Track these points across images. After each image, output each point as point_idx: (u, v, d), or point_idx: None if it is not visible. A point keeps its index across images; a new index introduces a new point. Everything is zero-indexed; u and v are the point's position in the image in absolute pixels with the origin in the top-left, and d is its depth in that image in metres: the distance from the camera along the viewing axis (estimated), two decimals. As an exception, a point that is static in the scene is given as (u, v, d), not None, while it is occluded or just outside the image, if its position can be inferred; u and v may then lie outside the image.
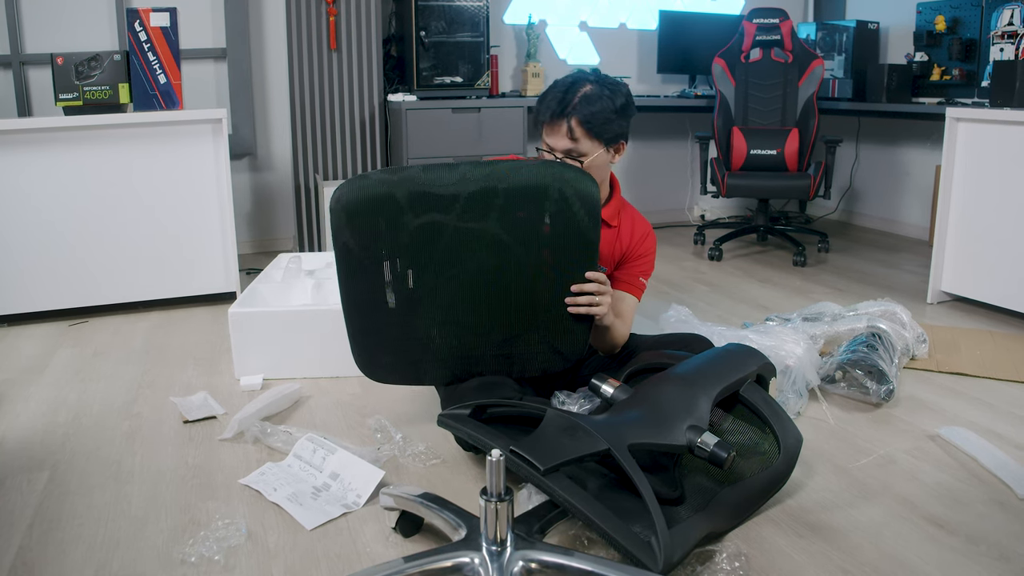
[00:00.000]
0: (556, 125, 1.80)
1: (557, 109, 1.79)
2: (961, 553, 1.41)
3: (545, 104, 1.82)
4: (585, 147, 1.80)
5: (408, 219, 1.62)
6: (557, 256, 1.66)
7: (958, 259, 2.94)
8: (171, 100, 2.85)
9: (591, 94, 1.79)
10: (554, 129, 1.81)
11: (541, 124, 1.84)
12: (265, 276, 2.60)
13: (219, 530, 1.44)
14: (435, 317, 1.68)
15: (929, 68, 4.05)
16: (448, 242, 1.64)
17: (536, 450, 1.29)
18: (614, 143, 1.84)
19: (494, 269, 1.65)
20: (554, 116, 1.80)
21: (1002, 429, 1.92)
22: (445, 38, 3.65)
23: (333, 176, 3.81)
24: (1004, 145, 2.75)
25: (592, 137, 1.79)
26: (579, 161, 1.80)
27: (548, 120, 1.81)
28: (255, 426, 1.84)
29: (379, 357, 1.74)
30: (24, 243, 2.73)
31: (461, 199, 1.62)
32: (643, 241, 1.97)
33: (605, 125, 1.80)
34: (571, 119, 1.78)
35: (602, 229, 1.91)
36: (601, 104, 1.79)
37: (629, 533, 1.25)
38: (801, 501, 1.58)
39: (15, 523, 1.49)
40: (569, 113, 1.78)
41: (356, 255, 1.65)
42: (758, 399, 1.57)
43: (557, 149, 1.81)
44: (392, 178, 1.62)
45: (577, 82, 1.82)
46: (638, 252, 1.96)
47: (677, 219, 4.81)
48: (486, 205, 1.62)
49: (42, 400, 2.10)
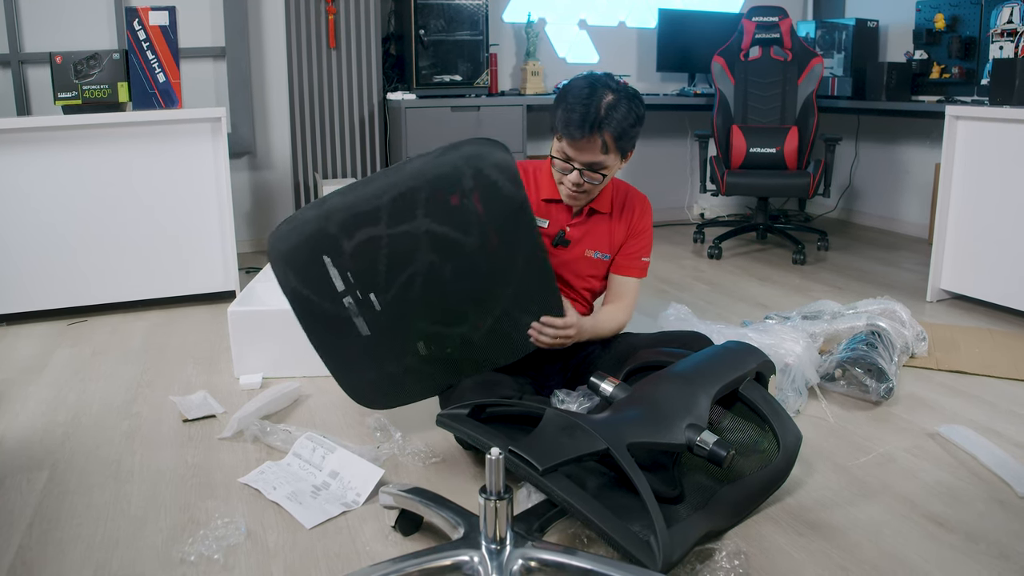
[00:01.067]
0: (585, 140, 1.72)
1: (590, 124, 1.71)
2: (961, 551, 1.41)
3: (570, 117, 1.72)
4: (611, 160, 1.77)
5: (346, 245, 1.61)
6: (499, 229, 1.64)
7: (957, 257, 2.94)
8: (170, 99, 2.85)
9: (620, 108, 1.73)
10: (582, 144, 1.73)
11: (565, 138, 1.76)
12: (264, 275, 2.60)
13: (218, 529, 1.44)
14: (417, 327, 1.68)
15: (928, 66, 4.05)
16: (390, 251, 1.62)
17: (535, 450, 1.29)
18: (628, 153, 1.82)
19: (446, 261, 1.64)
20: (586, 131, 1.71)
21: (1001, 427, 1.92)
22: (444, 36, 3.65)
23: (332, 175, 3.81)
24: (1004, 143, 2.75)
25: (619, 150, 1.77)
26: (601, 174, 1.78)
27: (578, 137, 1.72)
28: (254, 425, 1.84)
29: (372, 386, 1.74)
30: (23, 242, 2.73)
31: (384, 207, 1.60)
32: (642, 217, 1.96)
33: (631, 141, 1.78)
34: (604, 134, 1.72)
35: (596, 216, 1.93)
36: (628, 117, 1.74)
37: (628, 532, 1.25)
38: (801, 499, 1.58)
39: (14, 523, 1.49)
40: (603, 128, 1.71)
41: (311, 299, 1.65)
42: (757, 397, 1.57)
43: (579, 161, 1.76)
44: (318, 212, 1.61)
45: (598, 89, 1.74)
46: (637, 229, 1.95)
47: (676, 217, 4.81)
48: (411, 205, 1.61)
49: (41, 399, 2.10)
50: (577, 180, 1.80)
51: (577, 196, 1.85)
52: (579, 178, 1.79)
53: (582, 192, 1.83)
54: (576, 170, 1.78)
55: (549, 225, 1.92)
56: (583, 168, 1.78)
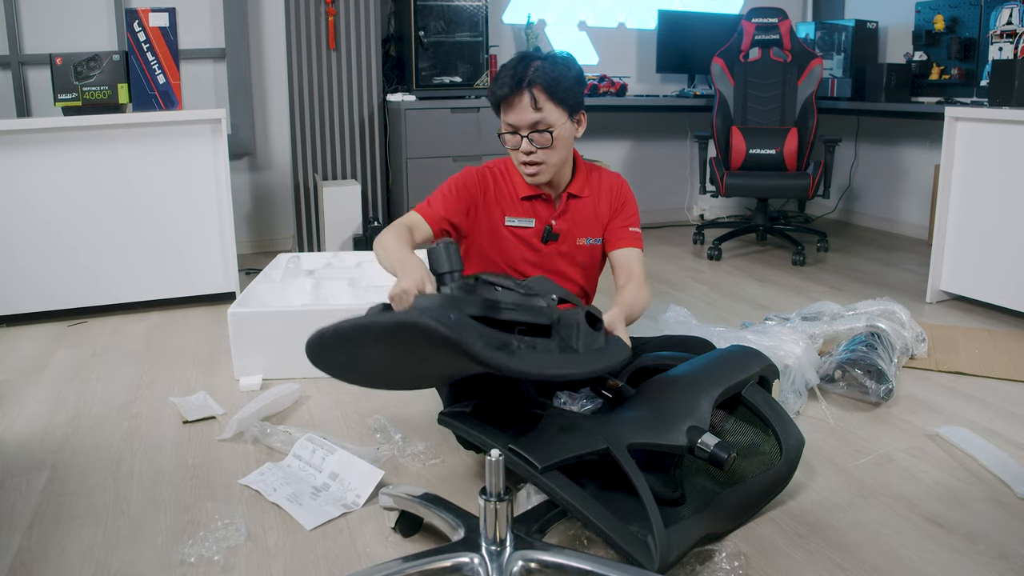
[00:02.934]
0: (516, 98, 1.73)
1: (513, 82, 1.72)
2: (960, 552, 1.41)
3: (499, 82, 1.75)
4: (552, 116, 1.75)
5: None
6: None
7: (957, 258, 2.94)
8: (170, 100, 2.85)
9: (545, 64, 1.75)
10: (515, 104, 1.74)
11: (499, 104, 1.77)
12: (264, 276, 2.60)
13: (218, 530, 1.44)
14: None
15: (928, 67, 4.05)
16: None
17: (534, 448, 1.29)
18: (576, 112, 1.80)
19: None
20: (513, 89, 1.72)
21: (1000, 428, 1.92)
22: (444, 38, 3.65)
23: (332, 176, 3.81)
24: (1003, 144, 2.75)
25: (557, 103, 1.75)
26: (548, 133, 1.75)
27: (507, 95, 1.74)
28: (254, 426, 1.83)
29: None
30: (23, 243, 2.73)
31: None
32: (619, 191, 1.94)
33: (568, 90, 1.75)
34: (532, 88, 1.72)
35: (576, 200, 1.91)
36: (558, 71, 1.74)
37: (626, 532, 1.25)
38: (800, 500, 1.58)
39: (14, 523, 1.49)
40: (530, 82, 1.72)
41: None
42: (760, 401, 1.57)
43: (522, 126, 1.75)
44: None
45: (526, 57, 1.77)
46: (618, 203, 1.93)
47: (676, 219, 4.81)
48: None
49: (41, 400, 2.10)
50: (528, 148, 1.77)
51: (535, 168, 1.81)
52: (529, 145, 1.77)
53: (538, 162, 1.80)
54: (523, 137, 1.77)
55: (535, 223, 1.91)
56: (529, 132, 1.76)
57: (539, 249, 1.93)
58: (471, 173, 1.93)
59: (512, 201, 1.91)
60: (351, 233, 3.59)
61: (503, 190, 1.92)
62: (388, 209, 3.94)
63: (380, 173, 3.88)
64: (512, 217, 1.92)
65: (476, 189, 1.90)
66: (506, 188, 1.91)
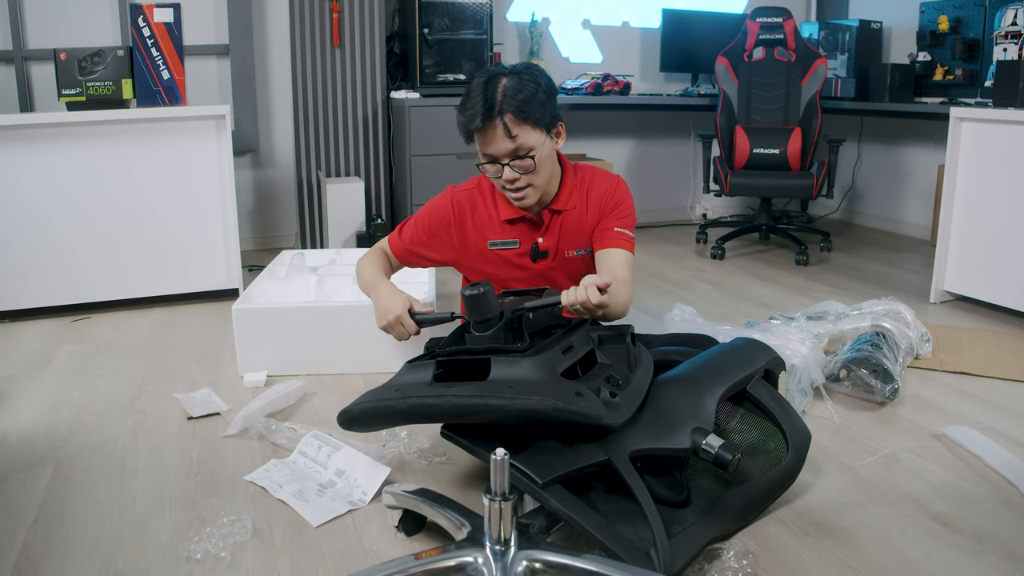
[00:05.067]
0: (490, 130, 1.68)
1: (484, 111, 1.67)
2: (967, 552, 1.41)
3: (469, 113, 1.69)
4: (530, 139, 1.70)
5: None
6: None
7: (961, 259, 2.94)
8: (174, 96, 2.84)
9: (511, 85, 1.69)
10: (489, 135, 1.69)
11: (472, 135, 1.72)
12: (268, 273, 2.60)
13: (225, 527, 1.43)
14: None
15: (932, 68, 4.05)
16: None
17: (535, 463, 1.28)
18: (553, 126, 1.77)
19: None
20: (484, 119, 1.67)
21: (1006, 428, 1.92)
22: (448, 35, 3.65)
23: (336, 173, 3.81)
24: (1007, 145, 2.75)
25: (532, 125, 1.70)
26: (529, 158, 1.71)
27: (480, 127, 1.68)
28: (259, 422, 1.83)
29: None
30: (26, 238, 2.72)
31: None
32: (612, 195, 1.87)
33: (541, 107, 1.70)
34: (503, 116, 1.67)
35: (560, 215, 1.87)
36: (527, 90, 1.69)
37: (629, 545, 1.24)
38: (807, 500, 1.58)
39: (19, 519, 1.49)
40: (500, 110, 1.67)
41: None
42: (766, 395, 1.56)
43: (500, 156, 1.71)
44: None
45: (492, 78, 1.71)
46: (609, 206, 1.87)
47: (679, 218, 4.81)
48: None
49: (45, 396, 2.09)
50: (511, 176, 1.73)
51: (522, 193, 1.77)
52: (512, 173, 1.73)
53: (524, 187, 1.76)
54: (504, 165, 1.72)
55: (520, 244, 1.89)
56: (509, 161, 1.72)
57: (528, 267, 1.92)
58: (443, 206, 1.91)
59: (494, 225, 1.89)
60: (354, 230, 3.58)
61: (483, 215, 1.90)
62: (391, 206, 3.94)
63: (384, 170, 3.88)
64: (495, 240, 1.91)
65: (449, 222, 1.90)
66: (487, 213, 1.89)
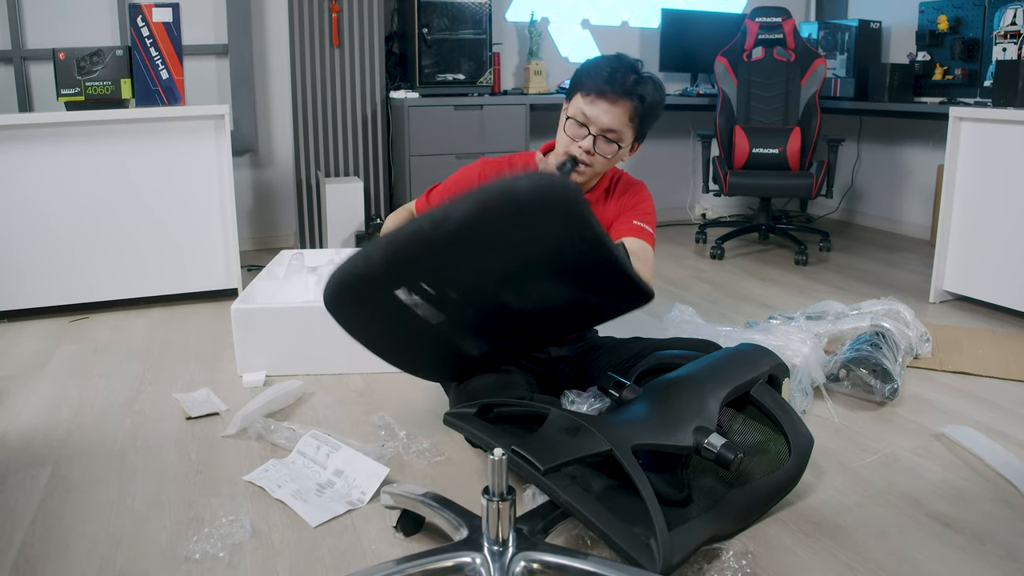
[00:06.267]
0: (614, 102, 1.66)
1: (622, 86, 1.65)
2: (967, 552, 1.41)
3: (606, 75, 1.65)
4: (626, 135, 1.70)
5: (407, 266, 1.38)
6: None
7: (960, 258, 2.94)
8: (173, 96, 2.84)
9: (645, 79, 1.69)
10: (609, 105, 1.66)
11: (590, 92, 1.68)
12: (267, 273, 2.60)
13: (223, 527, 1.43)
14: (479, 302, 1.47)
15: (931, 68, 4.05)
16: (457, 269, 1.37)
17: (537, 449, 1.28)
18: (641, 139, 1.78)
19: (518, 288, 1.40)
20: (622, 92, 1.64)
21: (1005, 428, 1.92)
22: (447, 35, 3.64)
23: (335, 173, 3.80)
24: (1007, 145, 2.75)
25: (638, 126, 1.71)
26: (615, 144, 1.70)
27: (607, 92, 1.65)
28: (258, 423, 1.83)
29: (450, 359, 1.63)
30: (24, 238, 2.72)
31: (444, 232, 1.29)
32: (635, 194, 1.88)
33: (651, 121, 1.73)
34: (635, 99, 1.65)
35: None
36: (657, 94, 1.69)
37: (628, 535, 1.24)
38: (807, 499, 1.57)
39: (18, 519, 1.49)
40: (637, 91, 1.66)
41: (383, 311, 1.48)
42: (769, 400, 1.56)
43: (599, 126, 1.68)
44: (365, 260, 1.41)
45: (636, 65, 1.70)
46: (630, 204, 1.87)
47: (679, 218, 4.81)
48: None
49: (44, 396, 2.09)
50: (589, 147, 1.71)
51: (583, 168, 1.75)
52: (591, 145, 1.71)
53: (587, 164, 1.74)
54: (591, 135, 1.70)
55: None
56: (600, 134, 1.69)
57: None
58: (474, 173, 1.91)
59: None
60: (353, 230, 3.58)
61: None
62: (390, 206, 3.94)
63: (383, 170, 3.88)
64: None
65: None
66: None
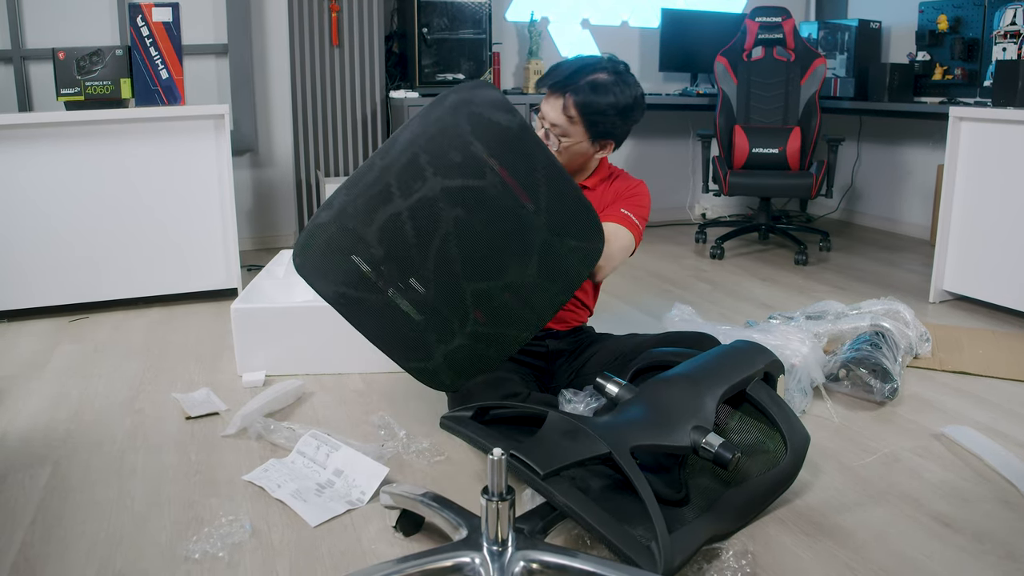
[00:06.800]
0: (555, 97, 1.79)
1: (561, 82, 1.78)
2: (967, 551, 1.41)
3: (554, 72, 1.81)
4: (571, 130, 1.79)
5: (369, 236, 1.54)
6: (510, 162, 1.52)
7: (960, 258, 2.94)
8: (173, 95, 2.84)
9: (601, 83, 1.76)
10: (552, 100, 1.80)
11: (544, 88, 1.83)
12: (267, 272, 2.60)
13: (223, 527, 1.43)
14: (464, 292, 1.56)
15: (931, 67, 4.05)
16: (415, 223, 1.54)
17: (536, 454, 1.28)
18: (601, 139, 1.82)
19: (472, 211, 1.53)
20: (555, 88, 1.79)
21: (1005, 427, 1.92)
22: (447, 35, 3.65)
23: (335, 172, 3.80)
24: (1006, 145, 2.75)
25: (583, 123, 1.78)
26: (559, 139, 1.80)
27: (550, 87, 1.80)
28: (258, 422, 1.83)
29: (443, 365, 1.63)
30: (24, 238, 2.72)
31: (393, 184, 1.53)
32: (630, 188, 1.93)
33: (599, 118, 1.77)
34: (568, 97, 1.77)
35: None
36: (606, 99, 1.76)
37: (629, 537, 1.24)
38: (807, 499, 1.57)
39: (17, 519, 1.48)
40: (570, 91, 1.76)
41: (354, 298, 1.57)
42: (765, 398, 1.56)
43: (547, 119, 1.81)
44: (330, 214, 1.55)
45: (594, 66, 1.79)
46: (625, 195, 1.92)
47: (678, 217, 4.81)
48: (418, 172, 1.53)
49: (43, 396, 2.09)
50: (543, 135, 1.82)
51: None
52: (545, 136, 1.82)
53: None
54: (544, 128, 1.81)
55: None
56: (548, 127, 1.80)
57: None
58: None
59: None
60: (353, 230, 3.58)
61: None
62: (390, 206, 3.93)
63: (382, 170, 3.87)
64: None
65: None
66: None
